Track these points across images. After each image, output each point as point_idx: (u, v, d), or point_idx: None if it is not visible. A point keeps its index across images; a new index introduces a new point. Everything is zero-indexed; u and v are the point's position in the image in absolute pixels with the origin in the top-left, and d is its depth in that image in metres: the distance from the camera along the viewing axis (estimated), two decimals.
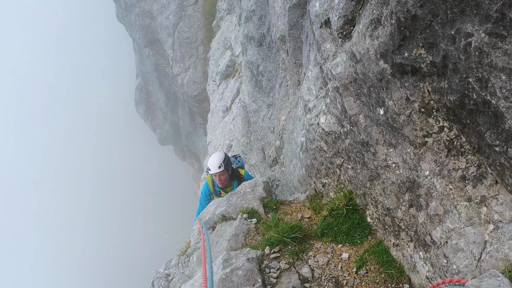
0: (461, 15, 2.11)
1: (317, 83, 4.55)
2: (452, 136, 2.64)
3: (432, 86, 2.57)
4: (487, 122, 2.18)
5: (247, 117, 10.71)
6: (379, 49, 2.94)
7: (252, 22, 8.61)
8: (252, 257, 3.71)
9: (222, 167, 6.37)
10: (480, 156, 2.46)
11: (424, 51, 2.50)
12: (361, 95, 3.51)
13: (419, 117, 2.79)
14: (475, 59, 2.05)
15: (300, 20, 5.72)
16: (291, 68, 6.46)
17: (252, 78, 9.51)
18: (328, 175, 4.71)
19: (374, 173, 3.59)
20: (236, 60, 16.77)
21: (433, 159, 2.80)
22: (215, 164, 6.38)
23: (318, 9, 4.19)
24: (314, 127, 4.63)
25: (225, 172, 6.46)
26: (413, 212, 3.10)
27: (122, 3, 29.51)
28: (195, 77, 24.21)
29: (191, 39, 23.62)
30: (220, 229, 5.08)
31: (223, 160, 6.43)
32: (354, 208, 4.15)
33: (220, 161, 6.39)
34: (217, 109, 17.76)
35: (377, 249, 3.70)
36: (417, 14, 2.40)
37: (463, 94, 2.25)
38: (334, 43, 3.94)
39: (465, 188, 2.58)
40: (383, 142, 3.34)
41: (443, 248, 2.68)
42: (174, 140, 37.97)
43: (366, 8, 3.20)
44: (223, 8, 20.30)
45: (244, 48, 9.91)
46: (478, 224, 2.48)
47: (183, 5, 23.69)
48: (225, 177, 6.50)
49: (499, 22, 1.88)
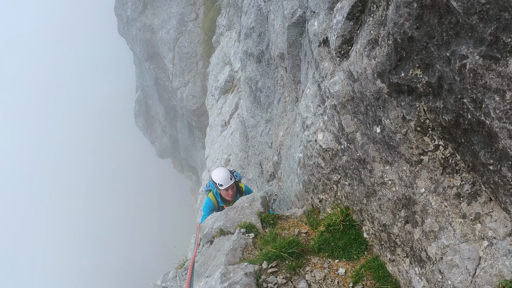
0: (456, 37, 2.18)
1: (315, 101, 4.62)
2: (447, 155, 2.70)
3: (427, 105, 2.63)
4: (481, 141, 2.24)
5: (245, 132, 10.77)
6: (376, 68, 3.01)
7: (251, 38, 8.73)
8: (250, 272, 3.74)
9: (233, 179, 6.43)
10: (474, 174, 2.52)
11: (420, 71, 2.58)
12: (358, 113, 3.58)
13: (415, 135, 2.85)
14: (469, 80, 2.11)
15: (299, 38, 5.82)
16: (290, 85, 6.55)
17: (251, 94, 9.59)
18: (325, 191, 4.75)
19: (371, 190, 3.64)
20: (235, 75, 16.92)
21: (429, 176, 2.85)
22: (226, 177, 6.38)
23: (317, 28, 4.29)
24: (311, 143, 4.69)
25: (234, 185, 6.49)
26: (408, 229, 3.14)
27: (124, 17, 29.85)
28: (194, 92, 24.38)
29: (191, 54, 23.85)
30: (218, 243, 5.10)
31: (231, 172, 6.48)
32: (350, 224, 4.19)
33: (229, 173, 6.44)
34: (215, 124, 17.84)
35: (373, 265, 3.73)
36: (414, 35, 2.48)
37: (458, 114, 2.31)
38: (332, 62, 4.02)
39: (460, 205, 2.63)
40: (379, 159, 3.40)
41: (438, 264, 2.72)
42: (172, 153, 38.02)
43: (363, 28, 3.29)
44: (223, 24, 20.54)
45: (243, 64, 10.02)
46: (472, 241, 2.53)
47: (184, 21, 23.97)
48: (234, 190, 6.52)
49: (493, 45, 1.94)
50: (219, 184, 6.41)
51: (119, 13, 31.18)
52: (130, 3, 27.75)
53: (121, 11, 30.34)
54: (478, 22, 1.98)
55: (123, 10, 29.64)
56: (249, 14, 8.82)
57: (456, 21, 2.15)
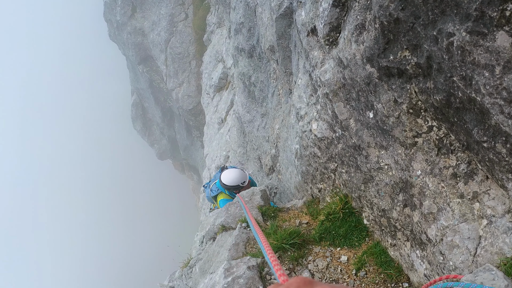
0: (442, 15, 2.15)
1: (307, 91, 4.60)
2: (441, 135, 2.68)
3: (418, 87, 2.61)
4: (474, 119, 2.21)
5: (242, 127, 10.75)
6: (365, 53, 2.99)
7: (241, 34, 8.70)
8: (253, 265, 3.73)
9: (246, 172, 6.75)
10: (469, 153, 2.50)
11: (409, 53, 2.55)
12: (351, 100, 3.56)
13: (407, 118, 2.83)
14: (458, 58, 2.09)
15: (288, 29, 5.79)
16: (282, 77, 6.53)
17: (245, 89, 9.57)
18: (323, 180, 4.74)
19: (368, 176, 3.62)
20: (228, 72, 16.89)
21: (424, 158, 2.83)
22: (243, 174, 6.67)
23: (304, 17, 4.26)
24: (307, 134, 4.67)
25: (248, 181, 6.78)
26: (407, 212, 3.13)
27: (114, 23, 29.75)
28: (189, 91, 24.35)
29: (183, 54, 23.80)
30: (220, 239, 5.10)
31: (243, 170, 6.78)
32: (350, 211, 4.18)
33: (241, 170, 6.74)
34: (212, 122, 17.83)
35: (375, 250, 3.73)
36: (399, 17, 2.45)
37: (449, 93, 2.29)
38: (321, 51, 3.99)
39: (457, 185, 2.62)
40: (374, 144, 3.39)
41: (439, 245, 2.71)
42: (172, 154, 38.07)
43: (350, 14, 3.26)
44: (213, 22, 20.48)
45: (235, 60, 9.99)
46: (471, 220, 2.51)
47: (174, 21, 23.89)
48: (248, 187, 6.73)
49: (479, 20, 1.91)
50: (242, 183, 6.63)
51: (108, 19, 31.08)
52: (119, 8, 27.64)
53: (110, 16, 30.23)
54: None
55: (112, 15, 29.54)
56: (237, 9, 8.78)
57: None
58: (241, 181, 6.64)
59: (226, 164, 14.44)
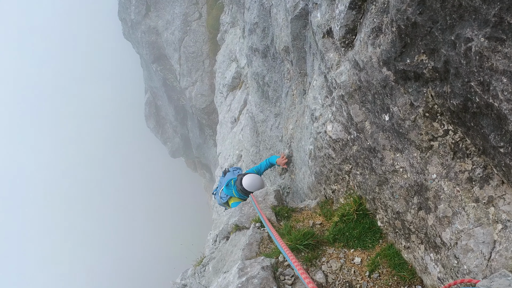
0: (460, 20, 2.15)
1: (322, 92, 4.62)
2: (457, 139, 2.68)
3: (435, 91, 2.62)
4: (490, 124, 2.22)
5: (255, 127, 10.78)
6: (381, 56, 3.00)
7: (255, 34, 8.72)
8: (267, 265, 3.76)
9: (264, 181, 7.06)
10: (485, 157, 2.50)
11: (426, 57, 2.56)
12: (366, 102, 3.57)
13: (424, 121, 2.84)
14: (476, 63, 2.09)
15: (303, 30, 5.80)
16: (296, 78, 6.54)
17: (259, 89, 9.60)
18: (337, 181, 4.76)
19: (383, 178, 3.63)
20: (241, 71, 16.93)
21: (440, 162, 2.84)
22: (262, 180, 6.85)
23: (320, 19, 4.28)
24: (321, 135, 4.69)
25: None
26: (422, 215, 3.14)
27: (128, 21, 30.00)
28: (203, 90, 24.48)
29: (197, 53, 23.92)
30: (234, 239, 5.14)
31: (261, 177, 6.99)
32: (364, 213, 4.20)
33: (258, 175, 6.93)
34: (225, 121, 17.90)
35: (388, 252, 3.74)
36: (417, 21, 2.46)
37: (466, 98, 2.29)
38: (337, 53, 4.01)
39: (472, 189, 2.62)
40: (389, 147, 3.40)
41: (453, 249, 2.72)
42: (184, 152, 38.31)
43: (366, 17, 3.27)
44: (226, 21, 20.53)
45: (249, 60, 10.02)
46: (486, 224, 2.52)
47: (188, 21, 24.02)
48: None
49: (498, 26, 1.91)
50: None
51: (123, 18, 31.34)
52: (133, 7, 27.86)
53: (125, 15, 30.48)
54: (481, 4, 1.96)
55: (126, 14, 29.78)
56: (251, 9, 8.81)
57: (459, 4, 2.13)
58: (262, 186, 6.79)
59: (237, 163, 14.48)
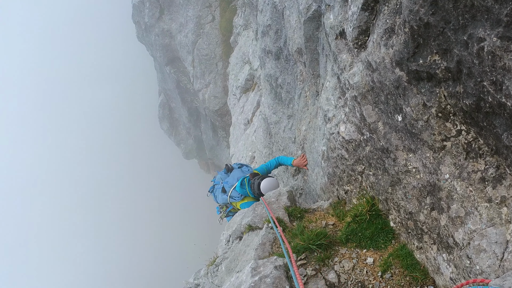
0: (472, 20, 2.16)
1: (335, 93, 4.64)
2: (470, 139, 2.68)
3: (448, 91, 2.62)
4: (503, 124, 2.22)
5: (268, 128, 10.83)
6: (394, 57, 3.02)
7: (268, 36, 8.77)
8: (280, 265, 3.80)
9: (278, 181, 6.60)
10: (498, 157, 2.50)
11: (438, 57, 2.57)
12: (379, 103, 3.58)
13: (436, 121, 2.84)
14: (488, 63, 2.10)
15: (316, 32, 5.83)
16: (309, 80, 6.57)
17: (272, 91, 9.64)
18: (350, 182, 4.77)
19: (395, 179, 3.64)
20: (254, 73, 17.00)
21: (453, 162, 2.84)
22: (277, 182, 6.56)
23: (333, 21, 4.30)
24: (334, 136, 4.71)
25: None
26: (435, 215, 3.14)
27: (142, 24, 30.33)
28: (216, 92, 24.62)
29: (210, 55, 24.08)
30: (247, 239, 5.18)
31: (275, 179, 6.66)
32: (377, 214, 4.20)
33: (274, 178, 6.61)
34: (238, 122, 17.98)
35: (401, 253, 3.74)
36: (430, 21, 2.47)
37: (479, 98, 2.30)
38: (350, 54, 4.03)
39: (485, 189, 2.62)
40: (402, 147, 3.41)
41: (466, 249, 2.72)
42: (198, 154, 38.56)
43: (379, 18, 3.29)
44: (239, 24, 20.64)
45: (262, 62, 10.07)
46: (499, 225, 2.51)
47: (201, 23, 24.21)
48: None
49: (510, 25, 1.92)
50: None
51: (137, 21, 31.69)
52: (147, 10, 28.16)
53: (139, 19, 30.82)
54: (493, 4, 1.97)
55: (140, 18, 30.12)
56: (264, 12, 8.86)
57: (471, 4, 2.14)
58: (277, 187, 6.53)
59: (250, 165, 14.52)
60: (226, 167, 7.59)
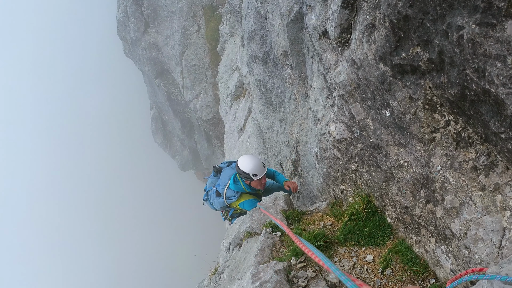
0: (450, 9, 2.16)
1: (323, 93, 4.63)
2: (459, 129, 2.67)
3: (432, 82, 2.62)
4: (490, 110, 2.21)
5: (262, 134, 10.82)
6: (377, 53, 3.02)
7: (254, 41, 8.78)
8: (280, 269, 3.77)
9: (265, 166, 5.89)
10: (488, 144, 2.49)
11: (420, 49, 2.56)
12: (366, 100, 3.58)
13: (424, 114, 2.83)
14: (469, 50, 2.09)
15: (300, 34, 5.84)
16: (297, 82, 6.57)
17: (262, 96, 9.64)
18: (344, 181, 4.75)
19: (388, 174, 3.63)
20: (244, 80, 17.02)
21: (443, 153, 2.83)
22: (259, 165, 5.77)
23: (315, 21, 4.31)
24: (325, 136, 4.70)
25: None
26: (430, 208, 3.12)
27: (128, 39, 30.29)
28: (207, 102, 24.60)
29: (199, 65, 24.09)
30: (246, 246, 5.15)
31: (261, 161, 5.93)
32: (373, 211, 4.19)
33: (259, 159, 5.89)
34: (231, 130, 17.96)
35: (400, 248, 3.72)
36: (408, 14, 2.47)
37: (463, 86, 2.29)
38: (334, 53, 4.03)
39: (477, 178, 2.61)
40: (393, 142, 3.40)
41: (463, 239, 2.70)
42: (194, 165, 38.45)
43: (359, 14, 3.29)
44: (225, 31, 20.69)
45: (250, 68, 10.08)
46: (494, 212, 2.50)
47: (187, 34, 24.23)
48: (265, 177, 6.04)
49: (487, 11, 1.91)
50: (254, 175, 5.83)
51: (122, 36, 31.64)
52: (132, 24, 28.14)
53: (124, 34, 30.78)
54: None
55: (126, 32, 30.08)
56: (248, 18, 8.88)
57: None
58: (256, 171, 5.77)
59: None
60: (214, 169, 6.89)
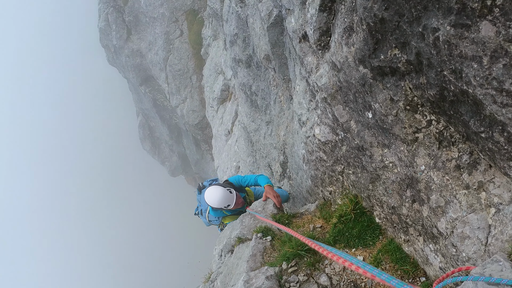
0: (425, 11, 2.17)
1: (306, 96, 4.64)
2: (441, 128, 2.69)
3: (412, 83, 2.63)
4: (469, 110, 2.22)
5: (249, 137, 10.81)
6: (356, 55, 3.02)
7: (237, 45, 8.77)
8: (271, 275, 3.76)
9: (233, 191, 5.69)
10: (470, 143, 2.50)
11: (398, 51, 2.57)
12: (349, 102, 3.59)
13: (406, 115, 2.85)
14: (445, 52, 2.10)
15: (281, 37, 5.84)
16: (282, 84, 6.57)
17: (247, 99, 9.63)
18: (332, 183, 4.76)
19: (374, 175, 3.64)
20: (229, 83, 16.99)
21: (427, 153, 2.85)
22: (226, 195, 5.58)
23: (294, 25, 4.31)
24: (311, 139, 4.70)
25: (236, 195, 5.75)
26: (416, 207, 3.14)
27: (111, 47, 30.10)
28: (194, 106, 24.53)
29: (183, 70, 24.01)
30: (238, 251, 5.13)
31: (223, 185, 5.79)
32: (361, 211, 4.20)
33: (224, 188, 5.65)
34: (219, 134, 17.92)
35: (389, 248, 3.73)
36: (384, 16, 2.48)
37: (442, 87, 2.30)
38: (315, 56, 4.04)
39: (461, 176, 2.63)
40: (377, 144, 3.41)
41: (450, 238, 2.71)
42: (184, 170, 38.37)
43: (338, 17, 3.30)
44: (208, 35, 20.64)
45: (234, 71, 10.07)
46: (479, 210, 2.51)
47: (170, 39, 24.13)
48: (239, 196, 5.85)
49: (462, 12, 1.92)
50: (227, 206, 5.68)
51: (105, 44, 31.44)
52: (114, 32, 27.97)
53: (107, 42, 30.58)
54: None
55: (108, 40, 29.89)
56: (230, 21, 8.87)
57: None
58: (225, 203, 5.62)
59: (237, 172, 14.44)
60: (198, 187, 6.52)
